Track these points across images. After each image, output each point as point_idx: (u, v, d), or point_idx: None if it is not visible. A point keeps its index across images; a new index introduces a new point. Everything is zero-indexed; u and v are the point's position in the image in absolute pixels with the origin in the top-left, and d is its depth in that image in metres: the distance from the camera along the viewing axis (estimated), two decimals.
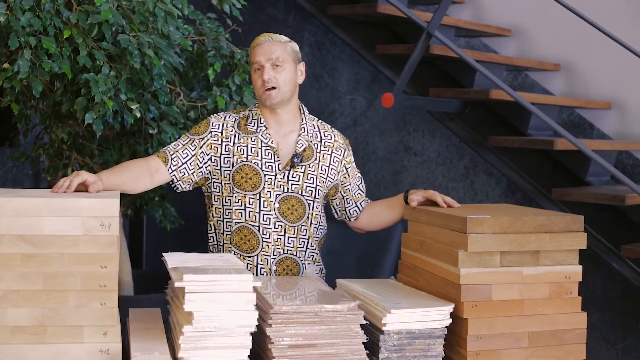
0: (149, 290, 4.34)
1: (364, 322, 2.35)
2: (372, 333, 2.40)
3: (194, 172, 3.04)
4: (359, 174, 3.25)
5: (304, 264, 3.07)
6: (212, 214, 3.11)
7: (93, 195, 2.42)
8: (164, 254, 2.49)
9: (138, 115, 3.57)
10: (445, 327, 2.42)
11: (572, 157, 4.51)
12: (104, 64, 3.46)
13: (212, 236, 3.12)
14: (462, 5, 5.56)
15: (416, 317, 2.38)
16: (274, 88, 3.00)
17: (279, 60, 3.00)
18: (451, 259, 2.49)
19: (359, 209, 3.22)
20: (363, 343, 2.33)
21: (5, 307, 2.22)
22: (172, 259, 2.42)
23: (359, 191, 3.23)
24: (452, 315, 2.44)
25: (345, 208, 3.22)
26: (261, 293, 2.41)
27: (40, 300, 2.24)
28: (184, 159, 3.03)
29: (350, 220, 3.25)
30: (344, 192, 3.19)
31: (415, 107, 5.08)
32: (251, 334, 2.24)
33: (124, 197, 3.66)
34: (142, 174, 3.00)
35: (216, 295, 2.20)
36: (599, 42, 4.88)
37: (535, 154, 4.63)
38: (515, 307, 2.49)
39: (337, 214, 3.26)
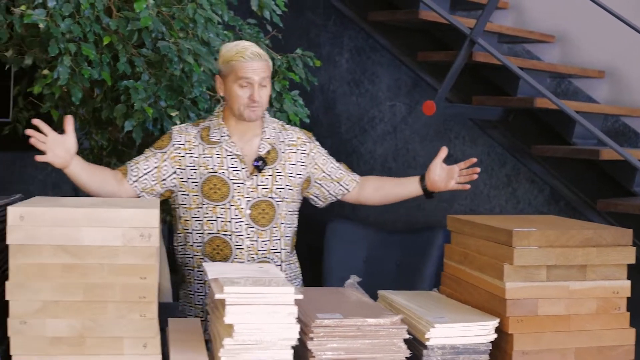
0: None
1: (407, 336, 2.30)
2: (416, 347, 2.35)
3: (157, 183, 3.05)
4: (330, 160, 3.25)
5: (280, 265, 3.08)
6: (181, 226, 3.11)
7: (133, 205, 2.39)
8: (204, 263, 2.47)
9: (178, 122, 3.55)
10: (490, 342, 2.37)
11: (618, 166, 4.42)
12: (144, 71, 3.45)
13: (181, 248, 3.13)
14: (504, 11, 5.49)
15: (460, 332, 2.34)
16: (258, 106, 3.04)
17: (266, 81, 3.04)
18: (496, 272, 2.44)
19: (344, 188, 3.25)
20: (406, 358, 2.29)
21: (44, 317, 2.20)
22: (212, 270, 2.39)
23: (339, 171, 3.25)
24: (497, 330, 2.38)
25: (329, 192, 3.24)
26: (302, 305, 2.37)
27: (80, 311, 2.21)
28: (144, 170, 3.04)
29: (337, 198, 3.28)
30: (321, 181, 3.21)
31: (457, 115, 5.02)
32: (292, 347, 2.20)
33: (162, 203, 3.65)
34: (110, 179, 3.01)
35: (257, 308, 2.17)
36: None
37: (580, 163, 4.55)
38: (561, 322, 2.43)
39: (320, 202, 3.29)
